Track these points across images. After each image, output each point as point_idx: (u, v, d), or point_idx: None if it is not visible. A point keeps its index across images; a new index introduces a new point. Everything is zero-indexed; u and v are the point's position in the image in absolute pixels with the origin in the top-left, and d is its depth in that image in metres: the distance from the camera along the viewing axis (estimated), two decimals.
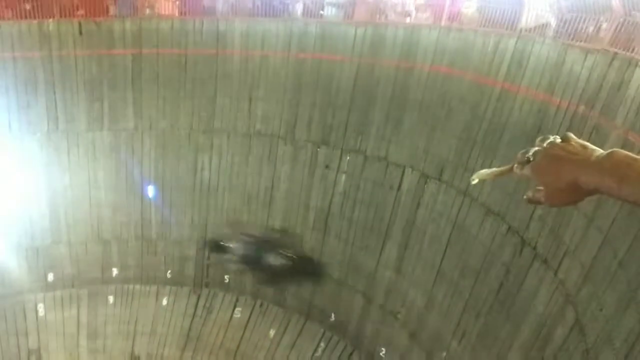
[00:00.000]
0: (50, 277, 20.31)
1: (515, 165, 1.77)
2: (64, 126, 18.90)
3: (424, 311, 16.62)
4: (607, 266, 9.84)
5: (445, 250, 15.89)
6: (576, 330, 10.38)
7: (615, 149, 1.54)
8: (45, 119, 18.64)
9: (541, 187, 1.68)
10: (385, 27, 17.40)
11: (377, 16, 17.79)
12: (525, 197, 1.75)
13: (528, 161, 1.72)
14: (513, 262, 13.30)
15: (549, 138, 1.70)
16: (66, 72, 18.30)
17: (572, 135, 1.69)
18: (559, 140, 1.68)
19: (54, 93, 18.43)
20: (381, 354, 18.06)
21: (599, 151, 1.59)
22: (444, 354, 15.65)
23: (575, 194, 1.63)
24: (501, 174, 1.82)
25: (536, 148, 1.71)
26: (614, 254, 9.70)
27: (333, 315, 19.65)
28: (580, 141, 1.65)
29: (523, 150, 1.73)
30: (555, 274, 11.59)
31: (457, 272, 15.41)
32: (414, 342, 16.92)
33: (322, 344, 19.74)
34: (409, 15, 17.70)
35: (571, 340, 10.48)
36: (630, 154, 1.50)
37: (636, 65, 10.69)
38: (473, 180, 1.85)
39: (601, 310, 9.71)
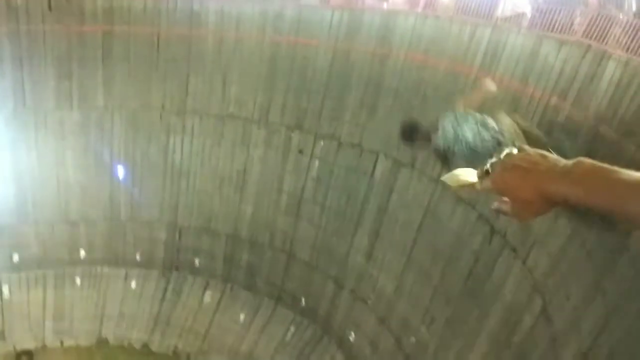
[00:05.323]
0: (16, 257, 19.90)
1: (478, 181, 1.73)
2: (31, 104, 18.39)
3: (394, 297, 16.75)
4: (575, 256, 9.99)
5: (416, 238, 15.99)
6: (543, 318, 10.55)
7: (581, 158, 1.52)
8: (11, 96, 18.10)
9: (506, 199, 1.65)
10: (361, 13, 17.27)
11: (354, 1, 17.63)
12: (492, 207, 1.71)
13: (487, 173, 1.68)
14: (482, 250, 13.44)
15: (504, 150, 1.67)
16: (34, 48, 17.75)
17: (527, 147, 1.66)
18: (515, 151, 1.66)
19: (22, 69, 17.88)
20: (350, 338, 18.19)
21: (562, 160, 1.57)
22: (413, 339, 15.82)
23: (540, 205, 1.60)
24: (465, 186, 1.79)
25: (494, 160, 1.68)
26: (582, 245, 9.84)
27: (303, 300, 19.70)
28: (539, 151, 1.63)
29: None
30: (524, 262, 11.75)
31: (427, 259, 15.54)
32: (383, 327, 17.06)
33: (292, 328, 19.80)
34: (386, 0, 17.59)
35: (538, 328, 10.66)
36: (596, 162, 1.49)
37: (609, 58, 10.79)
38: (444, 179, 1.83)
39: (568, 299, 9.87)
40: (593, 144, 10.27)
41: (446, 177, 1.83)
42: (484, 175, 1.69)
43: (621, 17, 11.50)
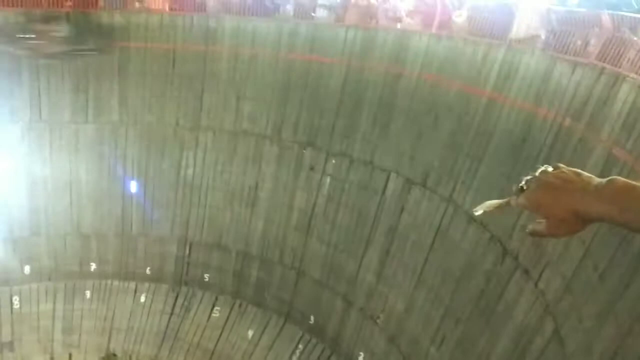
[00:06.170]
0: (27, 269, 20.00)
1: (512, 197, 1.75)
2: (47, 116, 18.65)
3: (404, 316, 16.62)
4: (588, 278, 9.91)
5: (427, 257, 15.91)
6: (555, 341, 10.44)
7: (614, 177, 1.52)
8: (28, 108, 18.38)
9: (541, 220, 1.66)
10: (375, 32, 17.41)
11: (368, 20, 17.79)
12: (527, 230, 1.73)
13: (522, 190, 1.70)
14: (494, 270, 13.35)
15: (541, 167, 1.68)
16: (51, 62, 18.05)
17: (562, 165, 1.67)
18: (550, 169, 1.66)
19: (38, 82, 18.18)
20: (359, 358, 18.03)
21: (595, 179, 1.57)
22: (423, 359, 15.67)
23: (575, 223, 1.61)
24: (501, 207, 1.80)
25: (529, 177, 1.69)
26: (595, 267, 9.77)
27: (312, 317, 19.59)
28: (573, 169, 1.64)
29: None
30: (536, 284, 11.65)
31: (438, 279, 15.44)
32: (392, 347, 16.91)
33: (300, 346, 19.66)
34: (400, 20, 17.73)
35: (550, 351, 10.54)
36: (629, 181, 1.49)
37: (623, 80, 10.80)
38: (476, 211, 1.83)
39: (580, 321, 9.78)
40: (606, 166, 10.24)
41: (480, 207, 1.84)
42: (518, 192, 1.70)
43: (635, 40, 11.53)
